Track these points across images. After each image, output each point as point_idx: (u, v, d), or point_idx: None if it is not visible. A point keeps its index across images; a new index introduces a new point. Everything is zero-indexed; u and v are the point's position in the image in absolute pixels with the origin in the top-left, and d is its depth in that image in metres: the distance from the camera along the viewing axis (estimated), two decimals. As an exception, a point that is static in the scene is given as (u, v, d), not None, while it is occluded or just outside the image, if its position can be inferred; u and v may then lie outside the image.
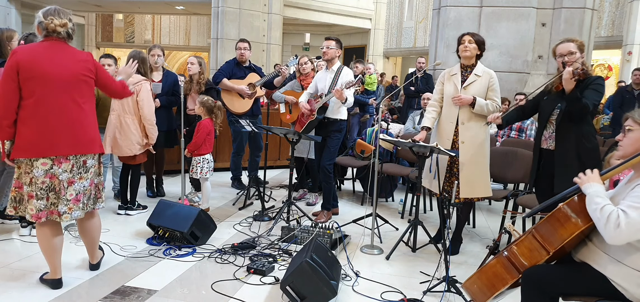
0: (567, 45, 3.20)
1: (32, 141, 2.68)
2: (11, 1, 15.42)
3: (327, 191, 4.63)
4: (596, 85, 3.13)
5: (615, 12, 12.68)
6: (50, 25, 2.69)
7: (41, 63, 2.66)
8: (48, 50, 2.71)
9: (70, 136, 2.75)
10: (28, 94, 2.66)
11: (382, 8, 18.35)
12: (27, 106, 2.67)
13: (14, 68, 2.63)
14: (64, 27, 2.73)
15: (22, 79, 2.64)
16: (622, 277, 1.98)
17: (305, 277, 2.73)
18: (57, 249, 2.87)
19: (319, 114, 4.50)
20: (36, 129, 2.67)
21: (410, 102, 8.69)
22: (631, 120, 2.11)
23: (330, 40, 4.51)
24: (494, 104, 3.63)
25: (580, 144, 3.13)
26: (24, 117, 2.68)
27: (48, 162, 2.73)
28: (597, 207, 1.96)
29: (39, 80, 2.66)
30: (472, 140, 3.65)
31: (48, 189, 2.76)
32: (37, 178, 2.72)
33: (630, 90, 7.76)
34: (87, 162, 2.87)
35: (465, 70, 3.71)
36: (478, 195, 3.74)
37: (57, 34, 2.72)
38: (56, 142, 2.71)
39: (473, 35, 3.66)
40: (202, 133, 4.49)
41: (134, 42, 20.35)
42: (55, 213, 2.79)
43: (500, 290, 2.13)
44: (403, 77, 15.32)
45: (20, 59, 2.64)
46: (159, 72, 4.99)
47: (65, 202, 2.80)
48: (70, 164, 2.78)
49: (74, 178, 2.81)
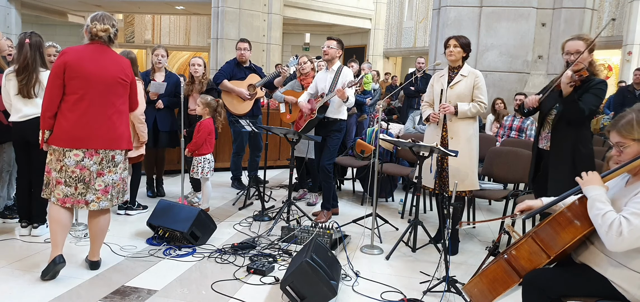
0: (576, 43, 3.12)
1: (69, 133, 2.92)
2: (11, 1, 15.42)
3: (327, 191, 4.64)
4: (597, 90, 3.06)
5: (615, 12, 12.67)
6: (93, 29, 2.96)
7: (86, 65, 2.93)
8: (92, 53, 2.98)
9: (103, 132, 2.99)
10: (72, 90, 2.92)
11: (382, 8, 18.35)
12: (69, 101, 2.93)
13: (61, 67, 2.89)
14: (105, 32, 2.99)
15: (67, 77, 2.90)
16: (622, 278, 1.97)
17: (305, 277, 2.73)
18: (65, 227, 3.05)
19: (320, 114, 4.50)
20: (74, 123, 2.92)
21: (410, 102, 8.69)
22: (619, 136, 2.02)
23: (331, 40, 4.52)
24: (479, 102, 3.67)
25: (575, 148, 3.09)
26: (65, 110, 2.93)
27: (80, 153, 2.96)
28: (599, 212, 1.93)
29: (83, 80, 2.92)
30: (461, 135, 3.72)
31: (77, 179, 2.98)
32: (68, 167, 2.96)
33: (631, 90, 7.77)
34: (116, 157, 3.08)
35: (452, 71, 3.79)
36: (465, 189, 3.77)
37: (99, 38, 2.98)
38: (90, 136, 2.95)
39: (458, 39, 3.72)
40: (203, 133, 4.49)
41: (134, 42, 20.36)
42: (82, 202, 3.02)
43: (501, 294, 2.12)
44: (403, 77, 15.31)
45: (68, 60, 2.91)
46: (162, 72, 4.99)
47: (93, 191, 3.02)
48: (100, 157, 3.01)
49: (103, 170, 3.04)
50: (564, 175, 3.01)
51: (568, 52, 3.14)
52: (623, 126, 2.02)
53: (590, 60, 3.13)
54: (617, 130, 2.04)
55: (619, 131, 2.03)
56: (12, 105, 3.58)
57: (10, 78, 3.53)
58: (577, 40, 3.14)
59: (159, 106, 4.83)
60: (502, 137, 5.95)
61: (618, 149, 2.05)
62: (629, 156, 2.02)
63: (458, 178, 3.60)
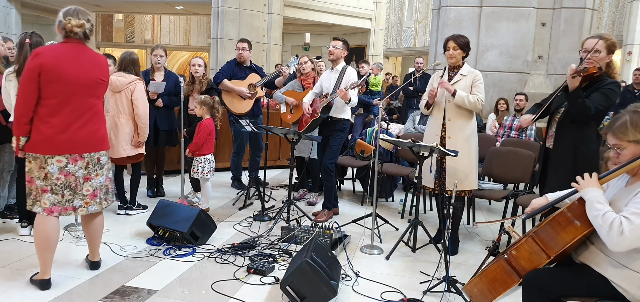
0: (594, 41, 3.02)
1: (51, 139, 2.76)
2: (11, 1, 15.42)
3: (328, 190, 4.64)
4: (607, 90, 2.98)
5: (615, 12, 12.67)
6: (67, 25, 2.76)
7: (65, 67, 2.75)
8: (70, 54, 2.79)
9: (86, 136, 2.87)
10: (50, 94, 2.74)
11: (382, 8, 18.35)
12: (48, 105, 2.75)
13: (36, 70, 2.69)
14: (81, 28, 2.79)
15: (44, 81, 2.71)
16: (623, 278, 1.97)
17: (305, 277, 2.73)
18: (51, 245, 2.87)
19: (324, 113, 4.52)
20: (56, 128, 2.76)
21: (409, 102, 8.70)
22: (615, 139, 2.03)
23: (337, 40, 4.57)
24: (476, 98, 3.66)
25: (578, 147, 3.06)
26: (44, 115, 2.76)
27: (63, 159, 2.82)
28: (598, 213, 1.93)
29: (62, 84, 2.75)
30: (458, 134, 3.72)
31: (63, 186, 2.85)
32: (52, 174, 2.81)
33: (631, 90, 7.77)
34: (101, 159, 2.99)
35: (452, 71, 3.81)
36: (464, 189, 3.76)
37: (74, 34, 2.79)
38: (73, 141, 2.82)
39: (456, 41, 3.71)
40: (203, 133, 4.49)
41: (134, 42, 20.35)
42: (70, 209, 2.90)
43: (501, 294, 2.12)
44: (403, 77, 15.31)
45: (44, 62, 2.70)
46: (161, 72, 5.00)
47: (81, 197, 2.92)
48: (85, 162, 2.90)
49: (90, 175, 2.93)
50: (564, 174, 2.99)
51: (586, 49, 3.06)
52: (618, 128, 2.02)
53: (608, 60, 3.05)
54: (612, 133, 2.05)
55: (615, 133, 2.04)
56: (12, 105, 3.58)
57: (10, 78, 3.52)
58: (597, 38, 3.05)
59: (158, 105, 4.83)
60: (502, 137, 5.95)
61: (615, 151, 2.06)
62: (626, 157, 2.02)
63: (456, 178, 3.60)
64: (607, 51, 3.02)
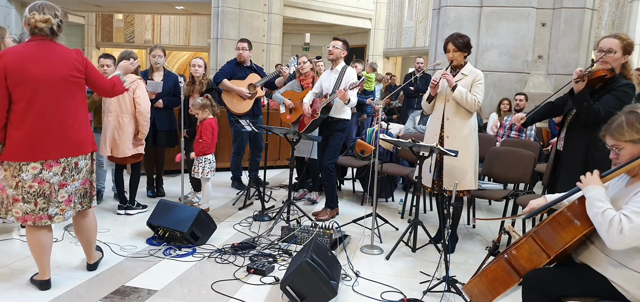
0: (609, 41, 2.95)
1: (22, 145, 2.63)
2: (11, 1, 15.42)
3: (329, 190, 4.64)
4: (619, 92, 2.88)
5: (615, 12, 12.67)
6: (31, 20, 2.61)
7: (29, 67, 2.59)
8: (35, 52, 2.63)
9: (61, 139, 2.71)
10: (18, 98, 2.61)
11: (382, 8, 18.34)
12: (17, 110, 2.62)
13: (1, 73, 2.56)
14: (46, 23, 2.62)
15: (10, 84, 2.58)
16: (623, 278, 1.97)
17: (305, 277, 2.73)
18: (45, 249, 2.81)
19: (323, 113, 4.52)
20: (26, 134, 2.62)
21: (410, 102, 8.70)
22: (613, 140, 2.04)
23: (337, 40, 4.58)
24: (473, 97, 3.66)
25: (589, 150, 2.97)
26: (14, 120, 2.63)
27: (38, 166, 2.68)
28: (598, 211, 1.94)
29: (29, 85, 2.60)
30: (456, 134, 3.72)
31: (36, 194, 2.70)
32: (25, 182, 2.68)
33: (630, 90, 7.75)
34: (79, 163, 2.84)
35: (453, 70, 3.80)
36: (462, 189, 3.76)
37: (39, 31, 2.63)
38: (46, 146, 2.67)
39: (455, 43, 3.69)
40: (208, 133, 4.49)
41: (134, 42, 20.34)
42: (45, 217, 2.75)
43: (501, 293, 2.12)
44: (403, 77, 15.31)
45: (8, 64, 2.57)
46: (160, 72, 5.00)
47: (56, 204, 2.77)
48: (61, 167, 2.74)
49: (65, 181, 2.77)
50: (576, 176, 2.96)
51: (601, 49, 2.98)
52: (615, 129, 2.04)
53: (623, 61, 2.96)
54: (609, 134, 2.06)
55: (612, 134, 2.05)
56: None
57: None
58: (611, 38, 2.97)
59: (158, 105, 4.83)
60: (502, 137, 5.95)
61: (614, 152, 2.07)
62: (625, 157, 2.03)
63: (454, 177, 3.60)
64: (623, 52, 2.93)
